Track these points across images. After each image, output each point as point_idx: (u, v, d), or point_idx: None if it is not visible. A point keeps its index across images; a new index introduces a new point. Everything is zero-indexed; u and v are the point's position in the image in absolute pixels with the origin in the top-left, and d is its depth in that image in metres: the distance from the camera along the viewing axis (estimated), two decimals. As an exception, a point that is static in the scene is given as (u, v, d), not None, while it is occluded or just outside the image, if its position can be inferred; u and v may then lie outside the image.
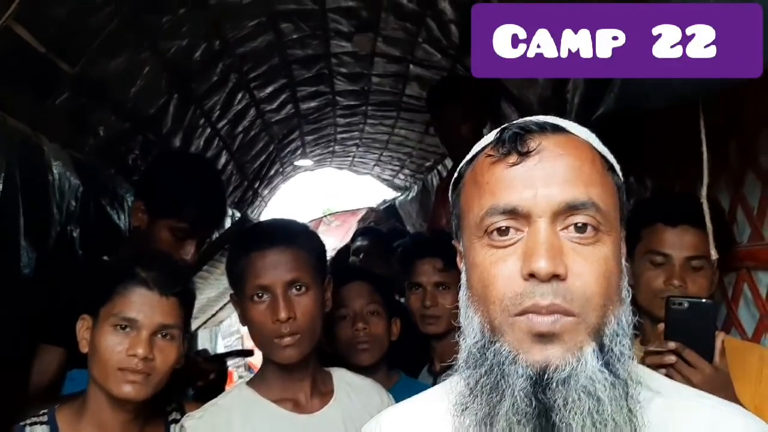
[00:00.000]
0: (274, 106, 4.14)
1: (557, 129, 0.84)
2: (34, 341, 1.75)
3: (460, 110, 2.83)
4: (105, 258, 1.96)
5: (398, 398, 1.21)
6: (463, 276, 0.89)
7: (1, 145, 1.74)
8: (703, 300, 1.40)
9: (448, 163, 4.43)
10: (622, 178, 0.88)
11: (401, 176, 6.65)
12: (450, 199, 0.93)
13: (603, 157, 0.86)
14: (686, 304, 1.34)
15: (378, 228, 5.29)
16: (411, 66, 3.68)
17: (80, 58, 2.15)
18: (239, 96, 3.62)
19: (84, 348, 1.46)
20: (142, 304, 1.42)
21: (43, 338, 1.74)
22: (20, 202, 1.79)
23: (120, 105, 2.58)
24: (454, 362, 0.87)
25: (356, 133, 5.32)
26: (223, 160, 4.01)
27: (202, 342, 7.01)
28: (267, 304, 1.46)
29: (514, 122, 0.86)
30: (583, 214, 0.79)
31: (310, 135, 5.18)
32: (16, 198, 1.77)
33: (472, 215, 0.84)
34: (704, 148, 1.51)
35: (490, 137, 0.88)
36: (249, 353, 2.73)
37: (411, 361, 2.09)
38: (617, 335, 0.79)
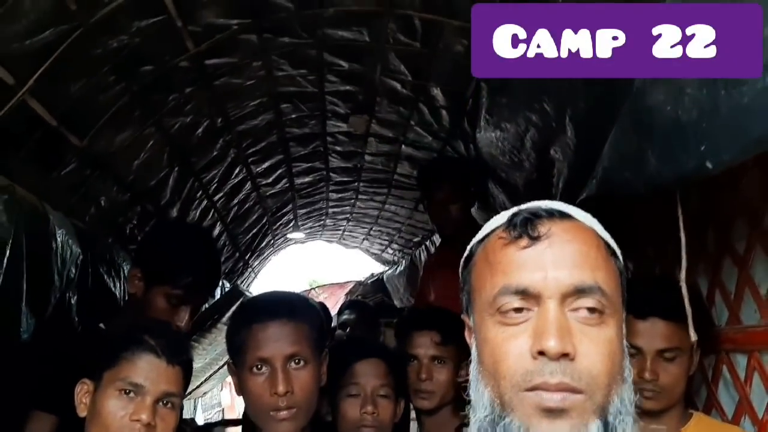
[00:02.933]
0: (270, 180, 4.22)
1: (564, 215, 0.90)
2: (28, 407, 1.74)
3: (449, 190, 2.87)
4: (101, 325, 1.98)
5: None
6: (474, 350, 0.92)
7: (10, 213, 1.79)
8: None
9: (436, 239, 4.48)
10: (623, 263, 0.93)
11: (390, 251, 6.69)
12: (461, 275, 0.97)
13: (606, 242, 0.91)
14: None
15: (364, 301, 5.32)
16: (403, 146, 3.78)
17: (89, 131, 2.24)
18: (237, 170, 3.71)
19: (82, 412, 1.46)
20: (150, 371, 1.43)
21: (36, 405, 1.73)
22: (24, 268, 1.83)
23: (122, 177, 2.66)
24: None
25: (348, 207, 5.40)
26: (216, 231, 4.07)
27: (183, 413, 6.85)
28: (266, 376, 1.46)
29: (524, 207, 0.92)
30: (590, 297, 0.84)
31: (302, 209, 5.25)
32: (21, 264, 1.81)
33: (484, 293, 0.88)
34: (682, 234, 1.56)
35: (501, 219, 0.93)
36: (238, 423, 2.71)
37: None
38: (620, 413, 0.83)
